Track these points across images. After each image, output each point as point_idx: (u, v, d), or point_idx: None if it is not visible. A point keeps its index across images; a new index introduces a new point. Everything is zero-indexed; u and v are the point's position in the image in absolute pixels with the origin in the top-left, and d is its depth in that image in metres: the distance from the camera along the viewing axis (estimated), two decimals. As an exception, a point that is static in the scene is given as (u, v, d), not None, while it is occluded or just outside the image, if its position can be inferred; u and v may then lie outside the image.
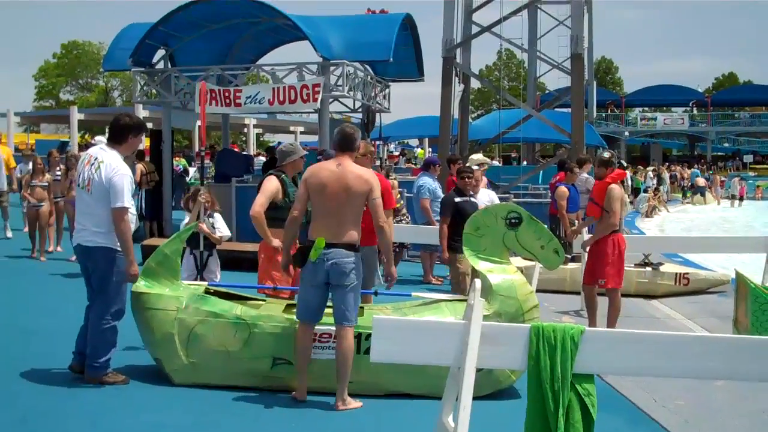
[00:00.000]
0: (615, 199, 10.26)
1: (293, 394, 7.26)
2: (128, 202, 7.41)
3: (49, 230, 15.68)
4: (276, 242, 8.03)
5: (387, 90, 21.75)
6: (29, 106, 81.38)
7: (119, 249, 7.46)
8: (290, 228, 7.34)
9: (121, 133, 7.70)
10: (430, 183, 14.64)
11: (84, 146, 27.49)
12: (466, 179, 10.69)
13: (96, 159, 7.55)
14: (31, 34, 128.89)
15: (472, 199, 10.71)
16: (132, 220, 7.54)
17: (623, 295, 11.23)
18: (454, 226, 10.36)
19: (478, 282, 5.19)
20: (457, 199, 10.65)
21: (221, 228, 9.34)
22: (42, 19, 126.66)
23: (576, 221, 14.03)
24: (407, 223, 14.89)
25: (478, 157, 14.85)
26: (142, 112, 40.43)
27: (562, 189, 14.21)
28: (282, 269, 7.65)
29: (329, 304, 7.26)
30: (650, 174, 42.84)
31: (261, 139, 68.71)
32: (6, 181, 17.07)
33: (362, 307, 7.82)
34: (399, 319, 5.93)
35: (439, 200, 14.46)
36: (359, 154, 8.73)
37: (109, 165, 7.45)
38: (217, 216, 9.38)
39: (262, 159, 29.69)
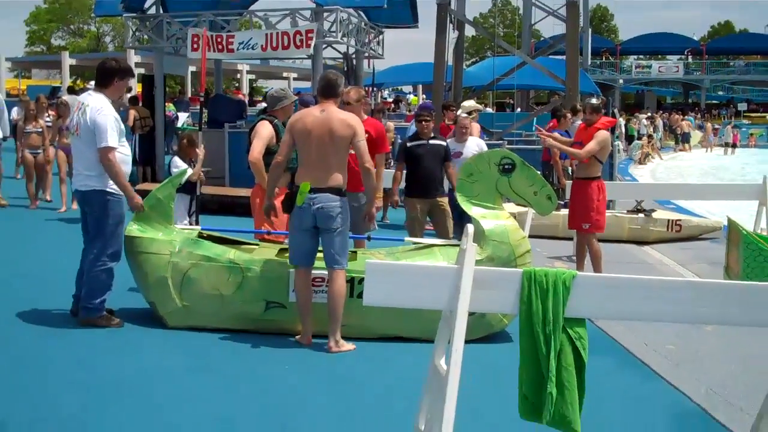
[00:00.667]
0: (596, 140, 10.26)
1: (297, 338, 7.31)
2: (113, 141, 7.39)
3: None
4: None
5: (381, 36, 21.60)
6: (21, 51, 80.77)
7: (113, 191, 7.49)
8: (274, 172, 7.34)
9: (106, 77, 7.69)
10: None
11: (70, 90, 27.03)
12: (423, 122, 10.54)
13: (83, 104, 7.56)
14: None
15: (431, 142, 10.47)
16: (126, 161, 7.57)
17: (615, 241, 11.27)
18: (408, 170, 10.31)
19: (470, 227, 5.18)
20: (410, 144, 10.48)
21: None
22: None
23: (570, 168, 14.02)
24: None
25: (469, 103, 14.79)
26: (134, 58, 40.19)
27: (556, 136, 14.19)
28: (263, 213, 7.61)
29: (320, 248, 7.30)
30: (645, 122, 42.70)
31: (254, 85, 68.35)
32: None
33: (355, 252, 7.85)
34: (391, 263, 5.93)
35: None
36: (353, 101, 8.69)
37: (93, 107, 7.46)
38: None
39: (263, 105, 29.50)
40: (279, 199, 7.79)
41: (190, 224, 9.02)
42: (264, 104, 28.84)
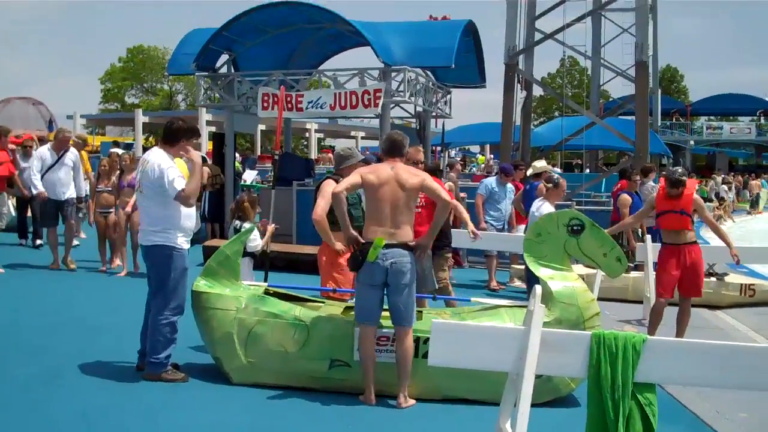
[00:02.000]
0: (705, 206, 10.23)
1: (360, 398, 7.23)
2: (181, 185, 7.54)
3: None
4: (338, 245, 8.10)
5: (448, 96, 21.71)
6: (95, 108, 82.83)
7: (175, 245, 7.65)
8: (338, 205, 7.16)
9: (173, 136, 7.87)
10: (490, 183, 14.71)
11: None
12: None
13: (146, 160, 7.73)
14: (98, 38, 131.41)
15: None
16: (190, 216, 7.77)
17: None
18: None
19: (538, 288, 5.16)
20: None
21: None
22: (108, 24, 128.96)
23: (639, 230, 13.85)
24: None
25: (541, 164, 14.73)
26: (205, 116, 40.98)
27: (625, 197, 14.08)
28: (348, 242, 7.38)
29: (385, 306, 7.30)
30: (724, 187, 41.94)
31: (322, 143, 69.13)
32: (86, 186, 15.38)
33: (420, 311, 7.82)
34: (457, 323, 5.91)
35: (499, 203, 14.45)
36: (419, 161, 8.91)
37: (155, 162, 7.63)
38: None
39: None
40: (345, 257, 7.85)
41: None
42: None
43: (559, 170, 32.89)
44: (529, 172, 14.29)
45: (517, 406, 4.86)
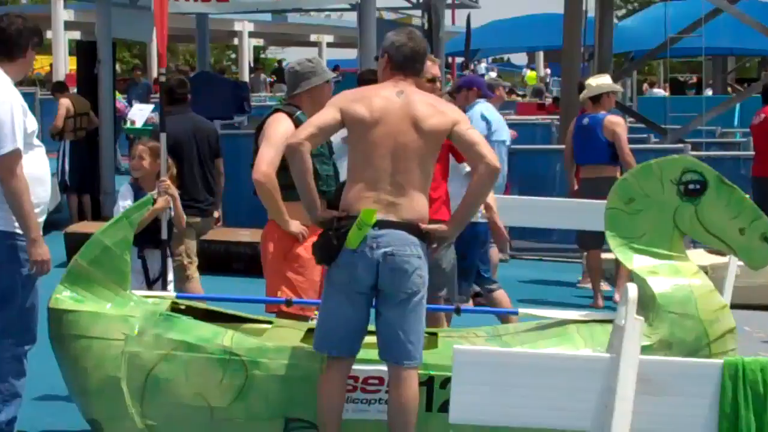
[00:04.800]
0: None
1: None
2: (20, 141, 7.43)
3: None
4: (295, 225, 7.99)
5: (472, -27, 21.67)
6: None
7: (18, 233, 7.55)
8: (297, 167, 6.97)
9: (13, 43, 7.77)
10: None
11: None
12: None
13: None
14: None
15: None
16: (42, 180, 7.64)
17: None
18: None
19: (632, 289, 5.15)
20: None
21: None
22: None
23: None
24: None
25: (602, 81, 14.51)
26: (62, 14, 40.82)
27: None
28: (319, 224, 7.20)
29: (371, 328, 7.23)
30: None
31: (261, 55, 69.03)
32: None
33: (434, 333, 7.79)
34: (497, 351, 5.91)
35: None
36: (437, 76, 8.83)
37: None
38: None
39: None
40: (306, 244, 7.82)
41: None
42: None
43: (662, 92, 32.90)
44: (584, 94, 14.10)
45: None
